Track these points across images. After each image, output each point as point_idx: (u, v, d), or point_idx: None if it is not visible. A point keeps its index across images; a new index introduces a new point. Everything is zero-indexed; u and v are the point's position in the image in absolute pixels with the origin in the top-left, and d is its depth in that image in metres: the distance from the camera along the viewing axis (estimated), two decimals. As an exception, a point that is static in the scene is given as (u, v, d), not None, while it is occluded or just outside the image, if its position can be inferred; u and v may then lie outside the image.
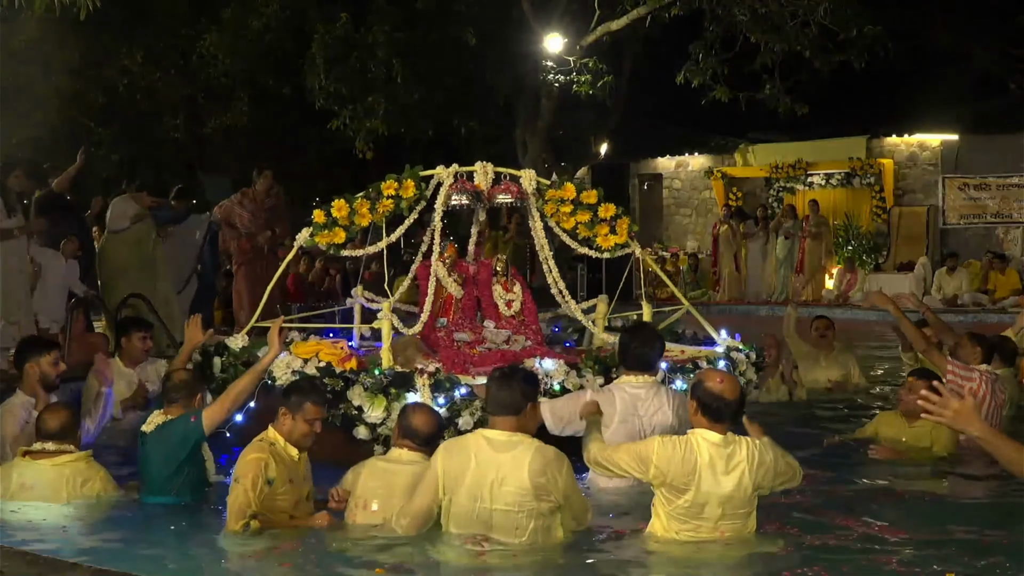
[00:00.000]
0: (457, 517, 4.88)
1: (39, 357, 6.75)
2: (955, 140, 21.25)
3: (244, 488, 5.02)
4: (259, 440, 5.26)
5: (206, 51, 21.70)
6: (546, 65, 18.77)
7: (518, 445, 4.86)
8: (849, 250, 21.18)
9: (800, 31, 17.04)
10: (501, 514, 4.79)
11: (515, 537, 4.80)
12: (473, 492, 4.81)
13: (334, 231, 7.41)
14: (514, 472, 4.78)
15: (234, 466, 5.21)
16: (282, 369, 6.72)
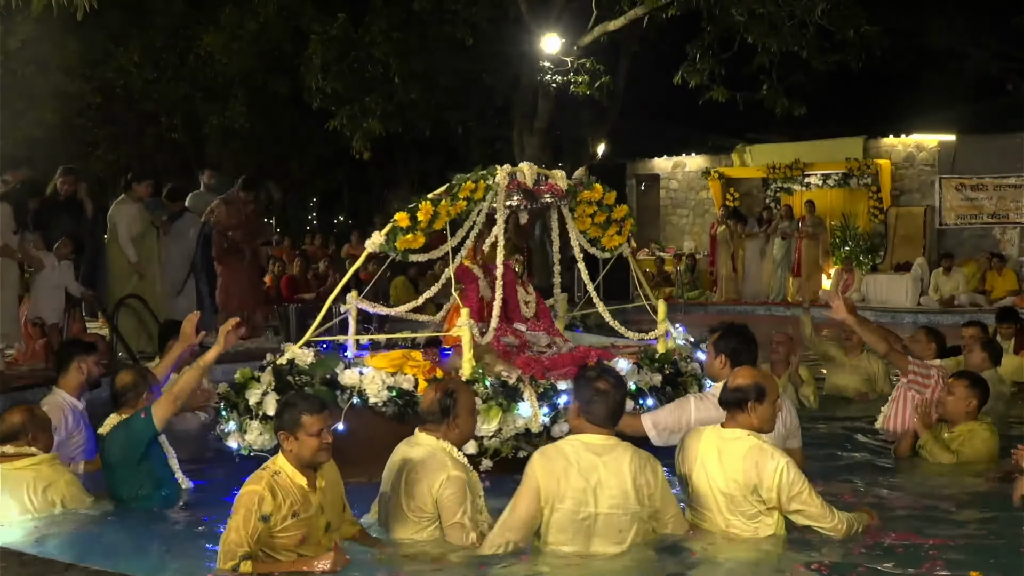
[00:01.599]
0: (559, 524, 4.71)
1: (86, 355, 6.82)
2: (952, 141, 21.26)
3: (235, 525, 4.47)
4: (261, 470, 4.65)
5: (203, 51, 21.74)
6: (543, 65, 18.79)
7: (615, 447, 4.78)
8: (846, 251, 21.19)
9: (797, 31, 17.07)
10: (604, 518, 4.68)
11: (617, 544, 4.72)
12: (577, 497, 4.66)
13: (416, 235, 6.87)
14: (615, 475, 4.70)
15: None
16: (376, 386, 6.33)
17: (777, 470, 4.79)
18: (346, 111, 19.06)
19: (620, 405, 4.86)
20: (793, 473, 4.80)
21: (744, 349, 5.89)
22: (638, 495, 4.70)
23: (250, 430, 6.36)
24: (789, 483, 4.78)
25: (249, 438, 6.36)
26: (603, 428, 4.78)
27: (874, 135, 22.26)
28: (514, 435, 6.30)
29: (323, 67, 18.56)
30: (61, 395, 6.67)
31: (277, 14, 19.86)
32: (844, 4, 16.49)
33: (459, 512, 4.81)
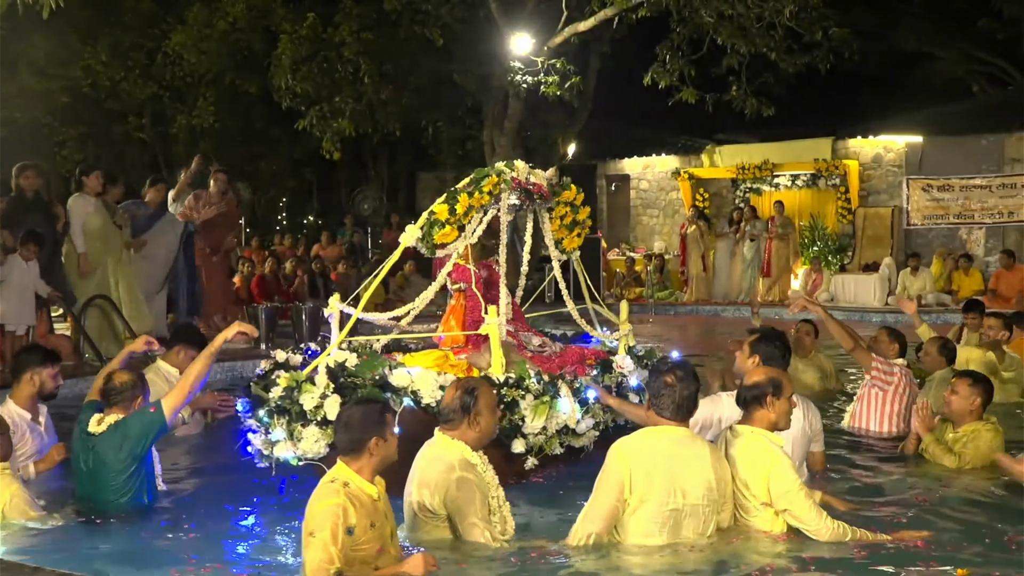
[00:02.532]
0: (648, 516, 4.72)
1: (41, 368, 6.40)
2: (919, 142, 21.42)
3: (323, 542, 4.19)
4: (330, 482, 4.42)
5: (172, 50, 21.60)
6: (514, 66, 18.78)
7: (695, 440, 4.90)
8: (815, 251, 21.32)
9: (766, 33, 17.13)
10: (691, 509, 4.74)
11: (702, 533, 4.78)
12: (665, 488, 4.71)
13: (451, 229, 6.76)
14: (699, 466, 4.77)
15: (305, 518, 4.39)
16: (430, 385, 6.01)
17: (762, 471, 4.86)
18: (316, 111, 18.99)
19: (688, 399, 4.89)
20: (785, 473, 4.84)
21: (779, 356, 6.01)
22: (718, 486, 4.80)
23: (305, 437, 5.88)
24: (780, 482, 4.83)
25: (304, 446, 5.86)
26: (672, 420, 4.85)
27: (842, 136, 22.41)
28: (556, 432, 6.25)
29: (293, 67, 18.49)
30: (9, 406, 6.32)
31: (246, 13, 19.77)
32: (813, 6, 16.56)
33: (470, 512, 4.84)
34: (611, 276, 22.43)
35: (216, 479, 6.68)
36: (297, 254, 20.84)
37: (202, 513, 5.79)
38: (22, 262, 10.43)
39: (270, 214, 30.25)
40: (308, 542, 4.25)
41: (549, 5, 19.00)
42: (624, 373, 6.78)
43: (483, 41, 19.57)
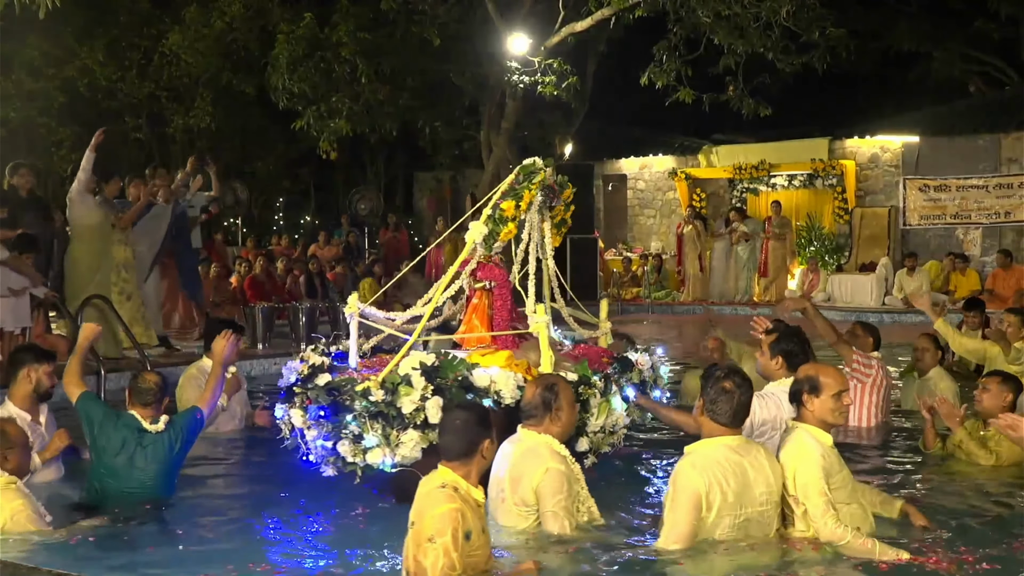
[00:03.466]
0: (719, 529, 4.77)
1: (37, 365, 6.40)
2: (916, 142, 21.44)
3: (445, 547, 4.08)
4: (440, 487, 4.28)
5: (168, 50, 21.59)
6: (511, 66, 18.77)
7: (751, 446, 4.95)
8: (811, 251, 21.33)
9: (763, 33, 17.13)
10: (758, 514, 4.83)
11: (766, 534, 4.87)
12: (739, 501, 4.77)
13: (512, 227, 6.57)
14: (760, 473, 4.84)
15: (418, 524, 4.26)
16: (510, 386, 5.78)
17: (791, 467, 4.90)
18: (313, 111, 18.98)
19: (745, 406, 4.91)
20: (811, 469, 4.84)
21: (799, 351, 6.09)
22: (778, 488, 4.88)
23: (404, 442, 5.60)
24: (803, 476, 4.84)
25: (404, 451, 5.60)
26: (728, 427, 4.87)
27: (839, 136, 22.42)
28: (610, 430, 6.22)
29: (290, 67, 18.46)
30: (8, 407, 6.29)
31: (243, 13, 19.75)
32: (809, 6, 16.55)
33: (553, 501, 4.92)
34: (608, 276, 22.44)
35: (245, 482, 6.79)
36: (294, 254, 20.82)
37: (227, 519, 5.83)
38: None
39: (267, 214, 30.22)
40: (427, 549, 4.11)
41: (546, 5, 19.01)
42: (644, 371, 6.73)
43: (480, 41, 19.57)
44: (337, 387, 5.80)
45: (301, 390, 5.99)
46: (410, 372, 5.69)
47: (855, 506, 5.01)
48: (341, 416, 5.69)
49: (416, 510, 4.26)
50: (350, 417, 5.64)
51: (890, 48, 26.88)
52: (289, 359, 6.80)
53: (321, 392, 5.81)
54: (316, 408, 5.78)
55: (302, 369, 6.15)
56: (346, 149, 22.47)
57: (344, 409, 5.69)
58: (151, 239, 12.63)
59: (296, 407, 5.99)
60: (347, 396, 5.70)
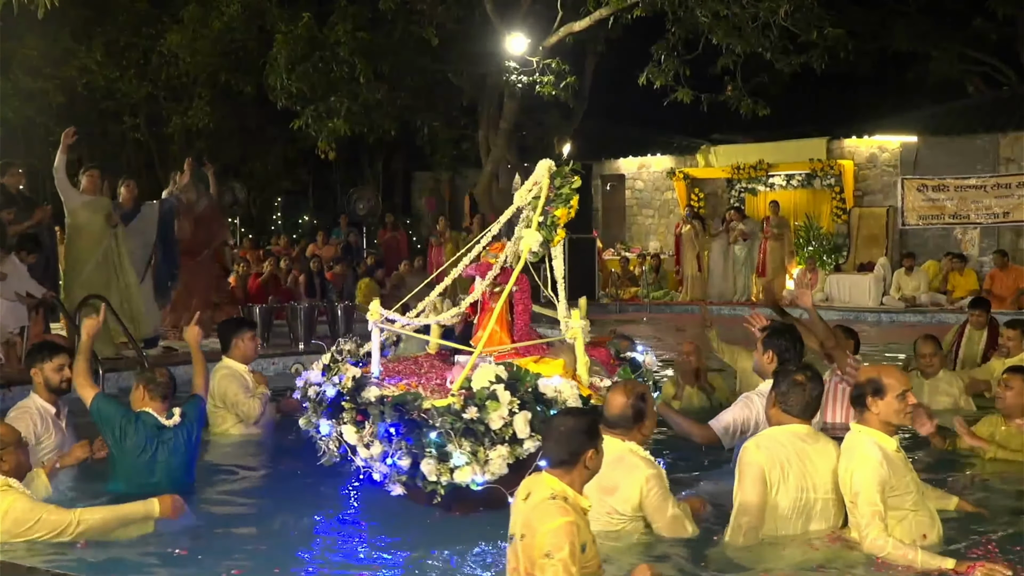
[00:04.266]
0: (781, 509, 4.93)
1: (43, 362, 6.52)
2: (914, 142, 21.45)
3: (564, 563, 3.95)
4: (550, 499, 4.15)
5: (167, 50, 21.57)
6: (509, 65, 18.78)
7: (820, 437, 5.11)
8: (810, 251, 21.34)
9: (761, 33, 17.14)
10: (822, 503, 4.97)
11: (832, 526, 5.00)
12: (798, 483, 4.92)
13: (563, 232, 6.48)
14: (827, 462, 4.97)
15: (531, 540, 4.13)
16: (574, 395, 5.63)
17: (847, 469, 4.88)
18: (311, 111, 18.97)
19: (816, 400, 5.10)
20: (866, 474, 4.80)
21: (792, 347, 6.21)
22: (843, 482, 4.92)
23: (493, 458, 5.37)
24: (858, 481, 4.81)
25: (493, 468, 5.36)
26: (800, 419, 5.05)
27: (837, 136, 22.43)
28: None
29: (288, 66, 18.45)
30: (35, 399, 6.52)
31: (241, 12, 19.73)
32: (808, 6, 16.56)
33: (670, 506, 4.99)
34: (606, 276, 22.44)
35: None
36: (292, 254, 20.83)
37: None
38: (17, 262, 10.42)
39: (265, 214, 30.21)
40: (544, 565, 3.99)
41: (544, 5, 19.02)
42: (652, 372, 6.70)
43: (478, 41, 19.58)
44: (402, 402, 5.57)
45: (351, 405, 5.74)
46: (494, 386, 5.49)
47: (922, 513, 4.96)
48: (416, 433, 5.45)
49: (524, 522, 4.15)
50: (434, 435, 5.39)
51: (888, 48, 26.89)
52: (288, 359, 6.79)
53: (388, 409, 5.57)
54: (385, 425, 5.55)
55: (345, 383, 5.85)
56: (344, 149, 22.43)
57: (417, 425, 5.46)
58: (143, 240, 12.64)
59: (347, 423, 5.74)
60: (417, 411, 5.49)
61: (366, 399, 5.71)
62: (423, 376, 6.18)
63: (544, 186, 6.32)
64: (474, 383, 5.53)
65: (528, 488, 4.27)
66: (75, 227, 11.58)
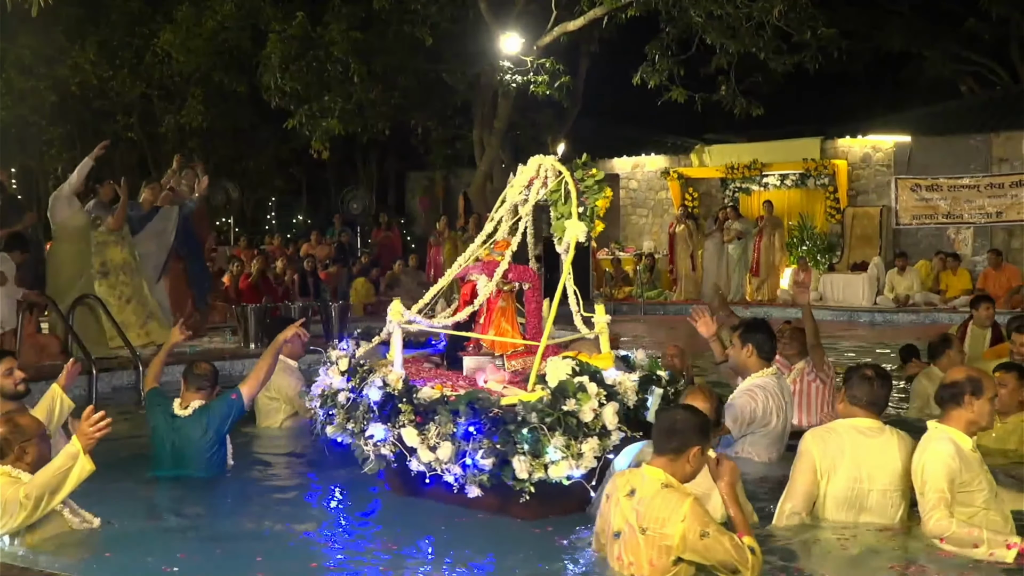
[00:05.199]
0: (833, 499, 5.05)
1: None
2: (907, 142, 21.47)
3: (720, 530, 4.21)
4: (666, 487, 4.30)
5: (160, 49, 21.55)
6: (503, 65, 18.78)
7: (884, 430, 5.18)
8: (803, 250, 21.35)
9: (755, 33, 17.16)
10: (878, 495, 5.07)
11: (889, 518, 5.10)
12: (852, 474, 5.05)
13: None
14: (887, 456, 5.07)
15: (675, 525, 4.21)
16: (632, 387, 5.66)
17: (919, 461, 4.91)
18: (305, 110, 18.96)
19: (884, 398, 5.27)
20: (937, 468, 4.82)
21: (768, 341, 6.49)
22: (905, 475, 5.01)
23: (586, 451, 5.30)
24: (928, 472, 4.84)
25: (586, 462, 5.29)
26: (865, 412, 5.16)
27: (831, 136, 22.45)
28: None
29: (282, 66, 18.44)
30: None
31: (235, 12, 19.71)
32: (801, 6, 16.59)
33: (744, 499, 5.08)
34: (600, 276, 22.43)
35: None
36: (287, 253, 20.81)
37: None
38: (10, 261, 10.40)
39: (259, 213, 30.20)
40: (708, 544, 4.14)
41: (538, 5, 19.01)
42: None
43: (472, 41, 19.58)
44: (474, 399, 5.42)
45: (408, 407, 5.57)
46: (577, 379, 5.43)
47: (994, 512, 4.93)
48: (502, 430, 5.28)
49: (643, 516, 4.24)
50: (526, 430, 5.23)
51: (881, 48, 26.95)
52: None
53: (463, 407, 5.40)
54: (465, 424, 5.35)
55: (394, 385, 5.69)
56: (338, 148, 22.45)
57: (501, 422, 5.30)
58: (160, 241, 12.64)
59: (406, 425, 5.52)
60: (498, 408, 5.36)
61: (424, 400, 5.57)
62: (443, 377, 6.12)
63: (569, 180, 6.40)
64: (550, 378, 5.47)
65: (630, 484, 4.39)
66: (66, 230, 11.51)
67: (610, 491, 4.50)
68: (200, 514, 5.88)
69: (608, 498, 4.51)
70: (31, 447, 5.13)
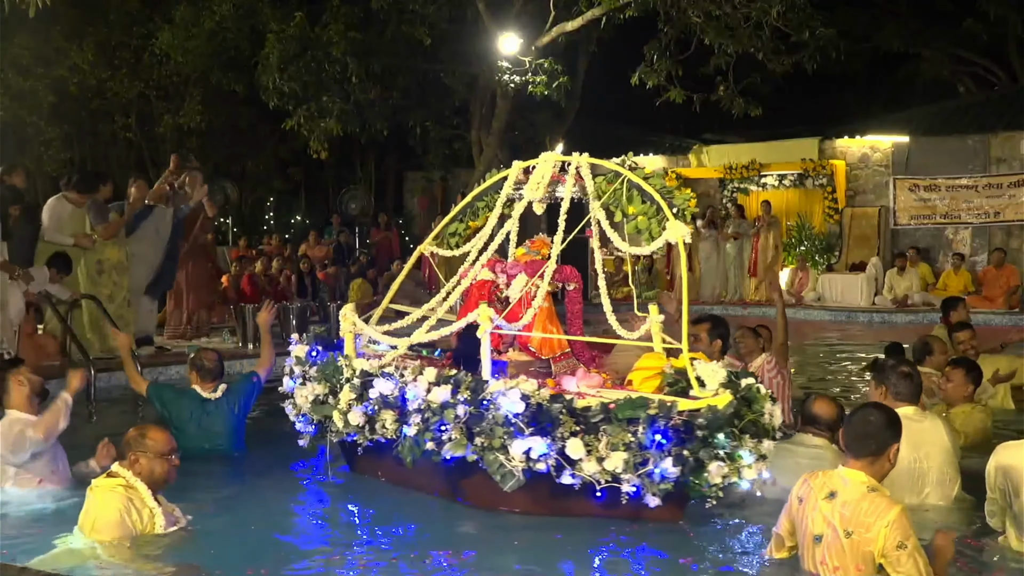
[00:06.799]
0: (895, 475, 5.08)
1: (16, 370, 6.34)
2: (906, 142, 21.48)
3: (917, 548, 4.18)
4: (872, 490, 4.31)
5: (158, 49, 21.52)
6: (501, 65, 18.77)
7: (928, 416, 5.87)
8: (802, 250, 21.36)
9: (754, 33, 17.16)
10: (936, 472, 5.64)
11: (946, 496, 5.65)
12: (912, 454, 5.50)
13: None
14: (937, 436, 5.72)
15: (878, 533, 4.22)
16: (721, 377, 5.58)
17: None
18: (303, 110, 18.95)
19: (920, 386, 5.89)
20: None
21: (728, 334, 7.44)
22: (955, 452, 5.75)
23: (767, 452, 5.39)
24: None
25: (766, 464, 5.40)
26: (909, 403, 5.75)
27: (829, 136, 22.46)
28: None
29: (280, 66, 18.42)
30: (14, 415, 6.18)
31: (233, 12, 19.69)
32: (800, 7, 16.58)
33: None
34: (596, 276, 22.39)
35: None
36: (285, 254, 20.80)
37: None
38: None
39: (257, 214, 30.16)
40: (900, 556, 4.13)
41: (537, 5, 19.00)
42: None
43: (470, 41, 19.56)
44: (641, 406, 5.30)
45: (570, 419, 5.34)
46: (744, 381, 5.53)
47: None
48: (693, 437, 5.23)
49: (852, 519, 4.25)
50: (722, 436, 5.23)
51: (879, 48, 26.95)
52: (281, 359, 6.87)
53: (644, 416, 5.28)
54: (651, 432, 5.23)
55: (541, 396, 5.46)
56: (336, 149, 22.39)
57: (688, 429, 5.25)
58: (155, 242, 12.62)
59: (569, 437, 5.30)
60: (678, 415, 5.27)
61: (587, 410, 5.36)
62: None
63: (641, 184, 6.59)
64: (708, 382, 5.48)
65: (827, 486, 4.40)
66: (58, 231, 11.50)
67: (802, 494, 4.50)
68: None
69: (801, 501, 4.49)
70: (144, 459, 5.21)
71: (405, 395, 5.80)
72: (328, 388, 6.50)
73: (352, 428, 6.17)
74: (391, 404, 5.87)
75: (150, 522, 5.14)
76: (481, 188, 7.04)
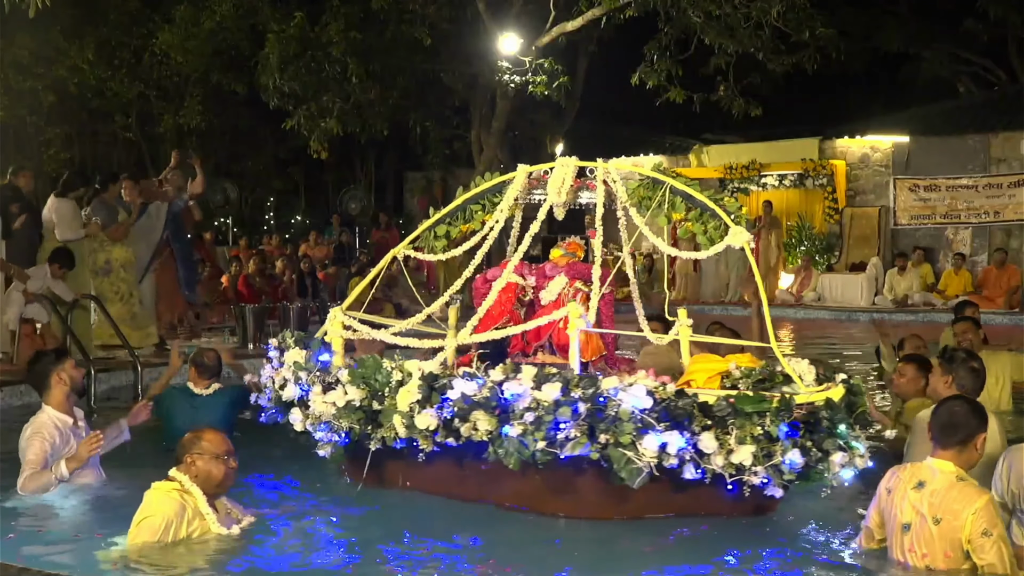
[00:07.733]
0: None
1: (61, 365, 6.24)
2: (906, 142, 21.48)
3: (1003, 537, 4.34)
4: (959, 480, 4.48)
5: (158, 49, 21.52)
6: (501, 65, 18.76)
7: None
8: (802, 250, 21.36)
9: (754, 33, 17.15)
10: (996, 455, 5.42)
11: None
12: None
13: None
14: (991, 430, 5.32)
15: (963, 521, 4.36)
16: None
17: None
18: (303, 110, 18.93)
19: (983, 381, 5.89)
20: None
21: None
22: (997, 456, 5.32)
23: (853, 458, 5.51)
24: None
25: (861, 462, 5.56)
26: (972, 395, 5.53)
27: (829, 136, 22.47)
28: None
29: (280, 66, 18.41)
30: (48, 412, 6.12)
31: (233, 12, 19.69)
32: (800, 7, 16.58)
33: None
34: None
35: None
36: (285, 254, 20.79)
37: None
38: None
39: (257, 214, 30.15)
40: (984, 543, 4.27)
41: (537, 5, 18.97)
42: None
43: (471, 41, 19.56)
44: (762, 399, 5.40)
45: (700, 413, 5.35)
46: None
47: None
48: (818, 428, 5.41)
49: (942, 507, 4.39)
50: (843, 427, 5.46)
51: (880, 49, 26.95)
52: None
53: (769, 408, 5.34)
54: (783, 429, 5.28)
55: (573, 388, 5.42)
56: (336, 149, 22.40)
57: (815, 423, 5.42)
58: (148, 240, 12.62)
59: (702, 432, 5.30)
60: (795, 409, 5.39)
61: (685, 407, 5.34)
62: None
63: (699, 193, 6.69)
64: (806, 378, 5.78)
65: (916, 477, 4.57)
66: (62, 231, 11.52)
67: (891, 486, 4.65)
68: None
69: (890, 492, 4.65)
70: (200, 461, 5.13)
71: (503, 394, 5.55)
72: (367, 392, 6.00)
73: (417, 433, 5.70)
74: (482, 404, 5.58)
75: (200, 528, 5.05)
76: (473, 192, 6.94)
